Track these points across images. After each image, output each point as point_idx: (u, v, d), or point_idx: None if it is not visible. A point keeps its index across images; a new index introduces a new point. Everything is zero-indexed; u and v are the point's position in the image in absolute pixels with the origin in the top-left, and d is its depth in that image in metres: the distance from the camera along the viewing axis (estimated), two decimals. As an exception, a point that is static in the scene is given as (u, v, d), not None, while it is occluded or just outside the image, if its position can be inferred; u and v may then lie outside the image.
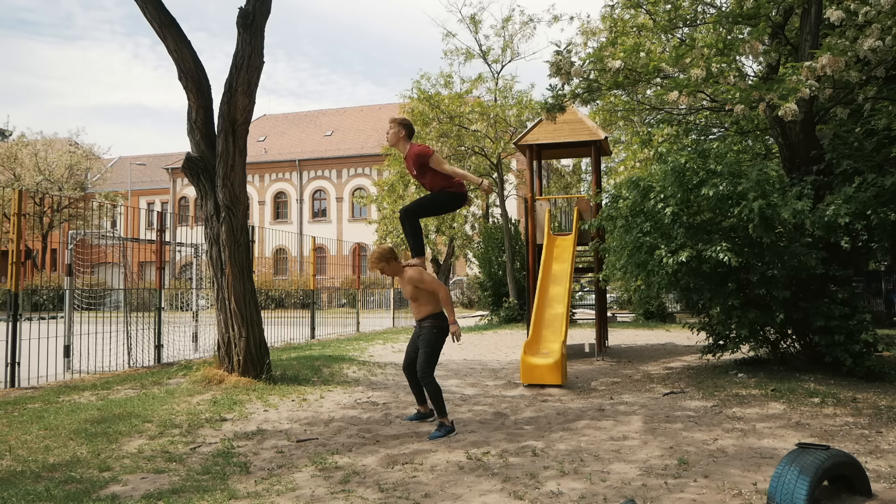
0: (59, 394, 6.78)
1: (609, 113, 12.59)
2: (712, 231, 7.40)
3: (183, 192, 43.93)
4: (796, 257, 7.17)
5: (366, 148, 39.99)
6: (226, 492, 3.64)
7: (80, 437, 4.84)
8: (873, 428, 5.12)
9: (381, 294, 22.78)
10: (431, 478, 3.93)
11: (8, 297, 7.53)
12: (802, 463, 3.22)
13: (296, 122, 46.33)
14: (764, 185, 6.97)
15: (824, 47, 6.43)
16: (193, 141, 7.35)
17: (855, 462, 3.51)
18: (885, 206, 6.85)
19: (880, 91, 8.31)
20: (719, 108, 9.11)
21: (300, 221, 41.53)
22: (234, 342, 7.17)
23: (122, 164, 48.70)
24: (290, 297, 19.62)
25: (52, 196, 32.80)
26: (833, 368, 7.39)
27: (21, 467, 4.11)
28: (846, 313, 7.12)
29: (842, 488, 3.52)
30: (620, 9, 10.60)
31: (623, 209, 7.88)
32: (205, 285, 12.20)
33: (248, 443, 4.83)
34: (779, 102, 6.21)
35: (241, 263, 7.29)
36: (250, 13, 7.17)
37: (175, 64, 7.23)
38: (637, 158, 12.24)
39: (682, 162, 7.21)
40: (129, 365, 9.04)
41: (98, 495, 3.59)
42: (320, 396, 6.69)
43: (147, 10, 7.10)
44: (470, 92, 21.31)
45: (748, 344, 7.93)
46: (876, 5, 6.45)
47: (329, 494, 3.63)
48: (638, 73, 7.99)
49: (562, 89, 8.18)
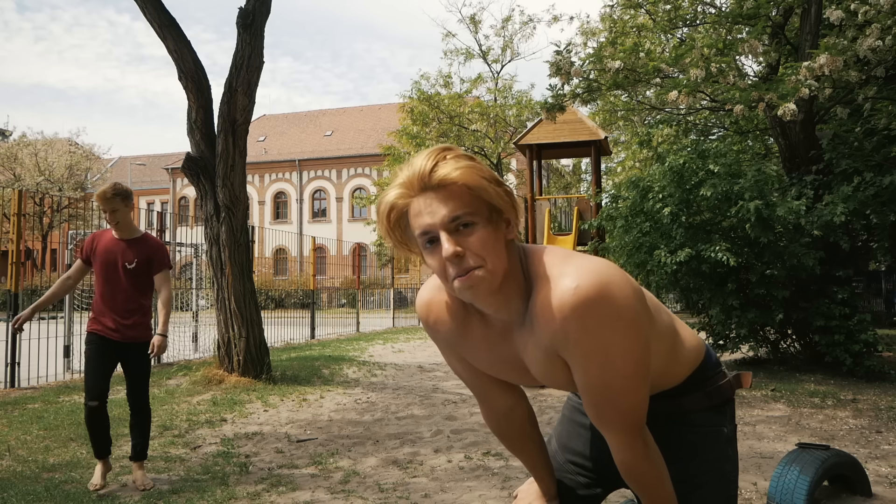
0: (59, 394, 6.78)
1: (609, 113, 12.60)
2: (712, 231, 7.40)
3: (183, 192, 43.91)
4: (795, 257, 7.17)
5: (366, 148, 39.98)
6: (226, 492, 3.64)
7: (80, 438, 4.83)
8: (873, 428, 5.11)
9: (381, 294, 22.78)
10: (431, 478, 3.93)
11: (8, 297, 7.53)
12: (802, 463, 3.22)
13: (296, 122, 46.33)
14: (762, 186, 6.97)
15: (822, 47, 6.43)
16: (193, 141, 7.34)
17: (855, 462, 3.51)
18: (885, 205, 6.85)
19: (880, 91, 8.31)
20: (719, 108, 9.11)
21: (300, 221, 41.52)
22: (234, 342, 7.17)
23: (122, 164, 48.70)
24: (290, 297, 19.63)
25: (52, 196, 32.80)
26: (833, 368, 7.39)
27: (21, 467, 4.11)
28: (846, 313, 7.12)
29: (842, 488, 3.52)
30: (620, 9, 10.61)
31: (623, 209, 7.89)
32: (205, 285, 12.20)
33: (248, 443, 4.83)
34: (778, 102, 6.22)
35: (241, 263, 7.29)
36: (250, 13, 7.18)
37: (175, 64, 7.23)
38: (637, 158, 12.25)
39: (680, 162, 7.22)
40: (129, 365, 9.01)
41: (98, 495, 3.59)
42: (320, 397, 6.69)
43: (147, 10, 7.10)
44: (470, 92, 21.32)
45: (748, 344, 7.93)
46: (876, 5, 6.45)
47: (329, 495, 3.63)
48: (638, 73, 7.99)
49: (562, 89, 8.19)
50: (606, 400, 1.24)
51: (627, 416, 1.25)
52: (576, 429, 1.59)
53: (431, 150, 1.18)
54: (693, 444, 1.40)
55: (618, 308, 1.16)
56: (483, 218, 1.17)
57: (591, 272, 1.17)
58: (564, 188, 29.01)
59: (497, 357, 1.33)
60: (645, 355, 1.24)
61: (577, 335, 1.17)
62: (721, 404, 1.44)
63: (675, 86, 7.25)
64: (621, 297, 1.17)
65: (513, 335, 1.29)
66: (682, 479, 1.35)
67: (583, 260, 1.21)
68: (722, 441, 1.43)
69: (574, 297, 1.16)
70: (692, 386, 1.41)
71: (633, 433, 1.27)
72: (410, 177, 1.17)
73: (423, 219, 1.16)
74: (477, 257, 1.15)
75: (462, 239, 1.15)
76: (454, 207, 1.14)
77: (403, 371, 8.69)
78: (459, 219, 1.15)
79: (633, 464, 1.29)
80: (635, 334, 1.20)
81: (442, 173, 1.14)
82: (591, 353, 1.19)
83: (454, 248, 1.14)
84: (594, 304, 1.15)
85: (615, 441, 1.29)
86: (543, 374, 1.30)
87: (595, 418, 1.29)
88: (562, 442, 1.62)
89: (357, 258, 33.57)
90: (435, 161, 1.16)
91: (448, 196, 1.15)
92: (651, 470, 1.29)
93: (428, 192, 1.16)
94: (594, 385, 1.23)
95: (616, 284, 1.17)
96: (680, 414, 1.40)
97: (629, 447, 1.28)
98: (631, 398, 1.24)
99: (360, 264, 34.28)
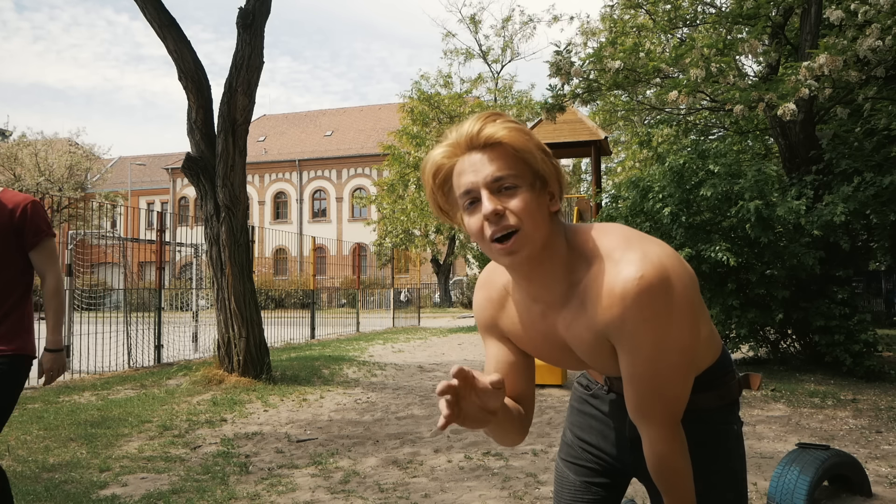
0: (59, 394, 6.78)
1: (609, 113, 12.60)
2: (711, 231, 7.40)
3: (183, 192, 43.91)
4: (795, 257, 7.17)
5: (366, 148, 40.00)
6: (226, 492, 3.64)
7: (80, 438, 4.84)
8: (873, 428, 5.12)
9: (381, 294, 22.78)
10: (431, 478, 3.93)
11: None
12: (802, 463, 3.22)
13: (295, 122, 46.33)
14: (762, 186, 6.98)
15: (822, 47, 6.43)
16: (193, 141, 7.35)
17: (855, 462, 3.51)
18: (885, 205, 6.86)
19: (880, 91, 8.32)
20: (719, 108, 9.12)
21: (300, 221, 41.52)
22: (234, 342, 7.17)
23: (121, 164, 48.70)
24: (289, 297, 19.63)
25: (52, 196, 32.80)
26: (833, 368, 7.39)
27: (21, 467, 4.11)
28: (846, 313, 7.13)
29: (842, 488, 3.52)
30: (620, 9, 10.61)
31: (623, 209, 7.89)
32: (205, 285, 12.21)
33: (248, 443, 4.83)
34: (778, 102, 6.22)
35: (241, 263, 7.30)
36: (250, 13, 7.18)
37: (175, 64, 7.23)
38: (637, 158, 12.25)
39: (680, 162, 7.22)
40: (129, 365, 9.04)
41: (98, 495, 3.59)
42: (320, 397, 6.69)
43: (147, 10, 7.10)
44: (470, 92, 21.33)
45: (748, 344, 7.94)
46: (875, 5, 6.46)
47: (329, 495, 3.63)
48: (638, 73, 8.00)
49: (562, 89, 8.19)
50: (652, 390, 1.23)
51: (670, 407, 1.24)
52: (587, 420, 1.59)
53: (481, 114, 1.18)
54: (706, 442, 1.40)
55: (677, 300, 1.16)
56: (527, 183, 1.16)
57: (656, 262, 1.16)
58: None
59: (539, 335, 1.32)
60: (694, 345, 1.24)
61: (634, 325, 1.16)
62: (730, 403, 1.45)
63: (675, 86, 7.26)
64: (680, 287, 1.17)
65: (554, 314, 1.27)
66: (698, 476, 1.34)
67: (646, 245, 1.20)
68: (732, 439, 1.44)
69: (638, 287, 1.14)
70: (706, 384, 1.40)
71: (673, 425, 1.26)
72: (458, 137, 1.17)
73: (467, 177, 1.16)
74: (516, 218, 1.14)
75: (504, 199, 1.14)
76: (499, 167, 1.14)
77: (403, 371, 8.69)
78: (503, 180, 1.14)
79: (669, 457, 1.27)
80: (690, 325, 1.20)
81: (489, 132, 1.14)
82: (645, 343, 1.18)
83: (494, 207, 1.13)
84: (657, 296, 1.14)
85: (654, 433, 1.26)
86: (590, 354, 1.28)
87: (636, 409, 1.27)
88: (575, 433, 1.61)
89: (357, 258, 33.56)
90: (483, 123, 1.16)
91: (494, 157, 1.15)
92: (684, 465, 1.28)
93: (474, 151, 1.16)
94: (642, 374, 1.22)
95: (677, 275, 1.17)
96: (693, 411, 1.37)
97: (667, 440, 1.26)
98: (678, 389, 1.24)
99: (360, 264, 34.26)
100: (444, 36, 22.47)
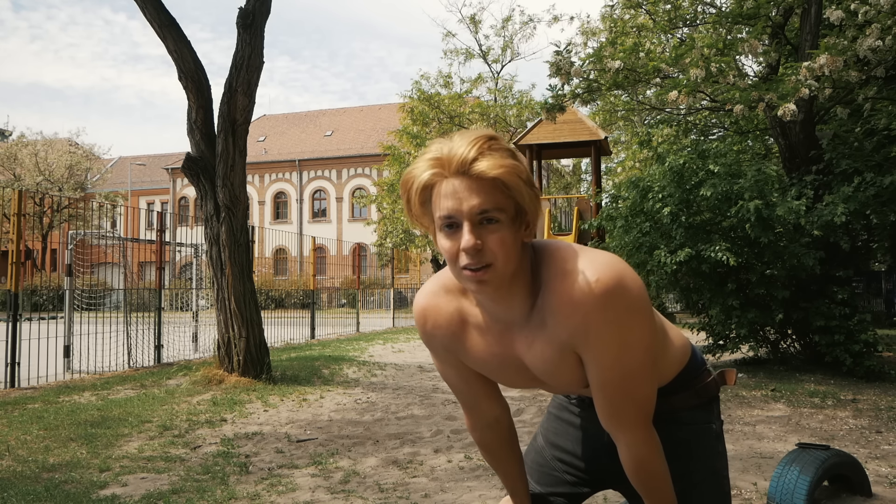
0: (59, 394, 6.78)
1: (609, 113, 12.60)
2: (712, 231, 7.40)
3: (183, 192, 43.92)
4: (795, 257, 7.17)
5: (366, 148, 39.99)
6: (226, 492, 3.64)
7: (80, 438, 4.84)
8: (873, 428, 5.12)
9: (381, 294, 22.78)
10: (431, 478, 3.93)
11: (8, 297, 7.53)
12: (802, 463, 3.22)
13: (295, 122, 46.33)
14: (762, 185, 6.98)
15: (822, 47, 6.44)
16: (193, 141, 7.35)
17: (855, 462, 3.51)
18: (885, 205, 6.86)
19: (880, 91, 8.32)
20: (719, 108, 9.12)
21: (300, 221, 41.52)
22: (234, 342, 7.17)
23: (121, 164, 48.71)
24: (290, 297, 19.63)
25: (52, 196, 32.80)
26: (833, 368, 7.39)
27: (21, 467, 4.10)
28: (846, 313, 7.13)
29: (842, 488, 3.52)
30: (620, 9, 10.61)
31: (623, 209, 7.89)
32: (205, 285, 12.21)
33: (248, 443, 4.83)
34: (778, 102, 6.22)
35: (241, 263, 7.30)
36: (250, 13, 7.18)
37: (175, 64, 7.23)
38: (637, 158, 12.25)
39: (680, 162, 7.22)
40: (129, 365, 9.04)
41: (98, 495, 3.59)
42: (320, 397, 6.69)
43: (147, 10, 7.10)
44: (470, 92, 21.34)
45: (748, 344, 7.94)
46: (876, 5, 6.45)
47: (329, 495, 3.62)
48: (638, 73, 8.00)
49: (562, 89, 8.19)
50: (623, 393, 1.24)
51: (643, 408, 1.26)
52: (563, 427, 1.60)
53: (477, 138, 1.14)
54: (686, 442, 1.41)
55: (634, 298, 1.19)
56: (509, 217, 1.15)
57: (607, 266, 1.19)
58: (564, 188, 29.01)
59: (495, 357, 1.32)
60: (655, 344, 1.27)
61: (598, 327, 1.19)
62: (708, 402, 1.46)
63: (675, 86, 7.25)
64: (635, 287, 1.20)
65: (513, 334, 1.28)
66: (679, 476, 1.35)
67: (593, 254, 1.23)
68: (712, 437, 1.46)
69: (595, 290, 1.17)
70: (680, 385, 1.42)
71: (647, 427, 1.28)
72: (449, 157, 1.13)
73: (451, 202, 1.14)
74: (492, 254, 1.15)
75: (483, 233, 1.14)
76: (485, 201, 1.12)
77: (403, 371, 8.69)
78: (487, 213, 1.13)
79: (648, 459, 1.28)
80: (649, 323, 1.23)
81: (484, 167, 1.11)
82: (611, 344, 1.20)
83: (474, 242, 1.13)
84: (615, 295, 1.17)
85: (631, 437, 1.28)
86: (549, 372, 1.29)
87: (610, 416, 1.29)
88: (548, 438, 1.62)
89: (357, 258, 33.57)
90: (479, 151, 1.12)
91: (481, 188, 1.12)
92: (661, 467, 1.30)
93: (463, 177, 1.13)
94: (611, 379, 1.24)
95: (629, 276, 1.20)
96: (670, 412, 1.40)
97: (645, 442, 1.28)
98: (647, 388, 1.26)
99: (360, 264, 34.26)
100: (444, 36, 22.48)
